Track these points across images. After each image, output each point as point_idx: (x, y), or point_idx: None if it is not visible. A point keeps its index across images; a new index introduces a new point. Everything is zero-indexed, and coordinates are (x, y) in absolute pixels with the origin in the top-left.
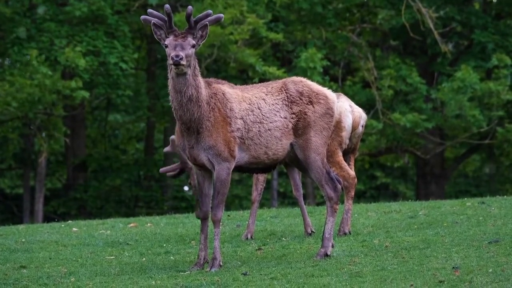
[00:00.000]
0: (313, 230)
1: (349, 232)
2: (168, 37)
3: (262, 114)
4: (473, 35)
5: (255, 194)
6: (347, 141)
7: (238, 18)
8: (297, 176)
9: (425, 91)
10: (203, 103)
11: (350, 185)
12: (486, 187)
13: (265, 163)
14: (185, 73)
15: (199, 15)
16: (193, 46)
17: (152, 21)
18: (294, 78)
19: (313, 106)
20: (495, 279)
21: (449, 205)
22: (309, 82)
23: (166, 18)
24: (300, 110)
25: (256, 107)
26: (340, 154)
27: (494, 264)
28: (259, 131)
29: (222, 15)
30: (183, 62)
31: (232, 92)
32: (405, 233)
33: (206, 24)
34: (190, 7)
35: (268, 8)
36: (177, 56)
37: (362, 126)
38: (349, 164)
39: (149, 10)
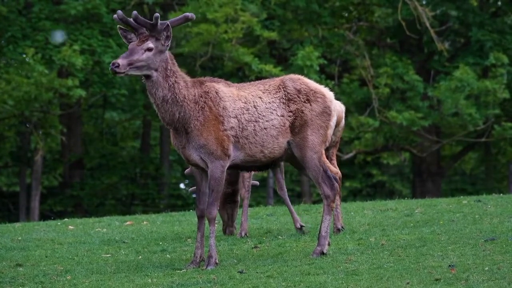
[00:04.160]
0: (302, 224)
1: (342, 227)
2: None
3: (258, 113)
4: (471, 32)
5: (243, 191)
6: (329, 138)
7: (232, 17)
8: (280, 175)
9: (422, 89)
10: (187, 102)
11: None
12: (482, 185)
13: (262, 161)
14: (149, 76)
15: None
16: (150, 50)
17: (118, 26)
18: (292, 75)
19: (311, 104)
20: (491, 277)
21: (445, 203)
22: (307, 80)
23: (134, 23)
24: (297, 108)
25: (252, 106)
26: (323, 151)
27: (490, 262)
28: (254, 130)
29: (190, 14)
30: (119, 70)
31: (226, 90)
32: (401, 231)
33: (168, 24)
34: (156, 14)
35: (263, 6)
36: (112, 64)
37: (343, 119)
38: (331, 159)
39: (118, 12)
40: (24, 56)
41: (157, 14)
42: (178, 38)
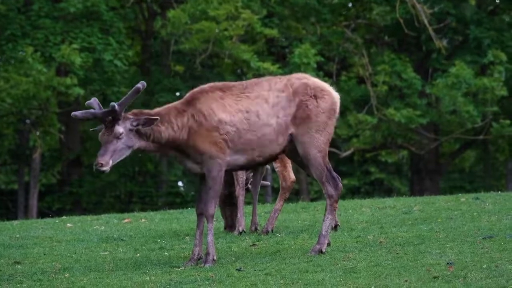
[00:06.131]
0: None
1: (272, 231)
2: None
3: (260, 122)
4: (469, 30)
5: (238, 189)
6: None
7: (232, 14)
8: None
9: (419, 86)
10: (174, 134)
11: (288, 187)
12: (480, 183)
13: (262, 161)
14: (134, 150)
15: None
16: (121, 135)
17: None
18: (299, 74)
19: (317, 101)
20: (489, 275)
21: (444, 201)
22: (314, 78)
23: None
24: (301, 100)
25: (255, 115)
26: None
27: (488, 260)
28: (250, 139)
29: (140, 85)
30: (104, 168)
31: (219, 104)
32: (400, 228)
33: (142, 113)
34: (111, 104)
35: (263, 3)
36: (96, 165)
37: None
38: None
39: (72, 114)
40: (24, 54)
41: (112, 104)
42: (178, 35)
